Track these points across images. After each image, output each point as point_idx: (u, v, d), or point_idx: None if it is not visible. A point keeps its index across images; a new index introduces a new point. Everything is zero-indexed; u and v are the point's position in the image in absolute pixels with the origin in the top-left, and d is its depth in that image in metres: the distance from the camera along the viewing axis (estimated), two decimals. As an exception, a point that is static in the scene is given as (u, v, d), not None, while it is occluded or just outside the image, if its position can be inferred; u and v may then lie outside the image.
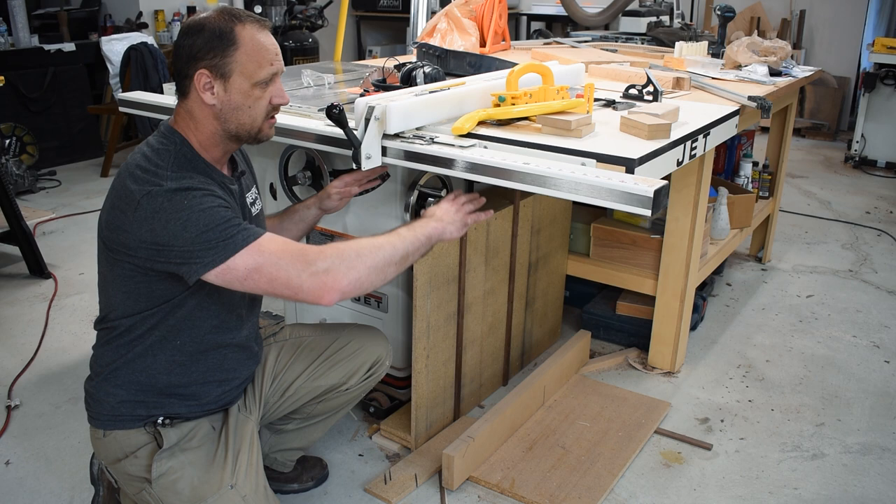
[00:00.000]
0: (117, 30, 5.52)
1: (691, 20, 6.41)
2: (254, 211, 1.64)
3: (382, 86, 2.12)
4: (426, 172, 2.04)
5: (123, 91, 4.70)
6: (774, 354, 2.78)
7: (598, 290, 2.94)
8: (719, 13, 3.35)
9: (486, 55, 2.70)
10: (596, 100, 2.09)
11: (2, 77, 3.31)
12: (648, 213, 1.41)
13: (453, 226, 1.61)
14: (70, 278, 3.36)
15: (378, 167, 1.89)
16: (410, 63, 2.16)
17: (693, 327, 2.91)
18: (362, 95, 2.01)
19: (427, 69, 2.09)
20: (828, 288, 3.37)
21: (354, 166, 1.72)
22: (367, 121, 1.68)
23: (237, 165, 1.60)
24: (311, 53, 5.66)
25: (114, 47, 5.07)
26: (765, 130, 4.26)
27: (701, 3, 6.71)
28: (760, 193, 3.44)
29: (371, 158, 1.71)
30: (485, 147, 1.71)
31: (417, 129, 1.80)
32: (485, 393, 2.43)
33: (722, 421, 2.36)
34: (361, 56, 7.56)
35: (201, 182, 1.39)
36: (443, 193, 2.18)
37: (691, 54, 3.04)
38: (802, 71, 3.09)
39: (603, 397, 2.42)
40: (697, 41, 3.35)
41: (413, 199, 2.07)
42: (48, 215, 4.12)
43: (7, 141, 4.73)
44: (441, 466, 2.01)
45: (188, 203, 1.33)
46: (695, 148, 1.91)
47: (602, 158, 1.59)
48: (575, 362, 2.57)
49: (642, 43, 3.90)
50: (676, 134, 1.82)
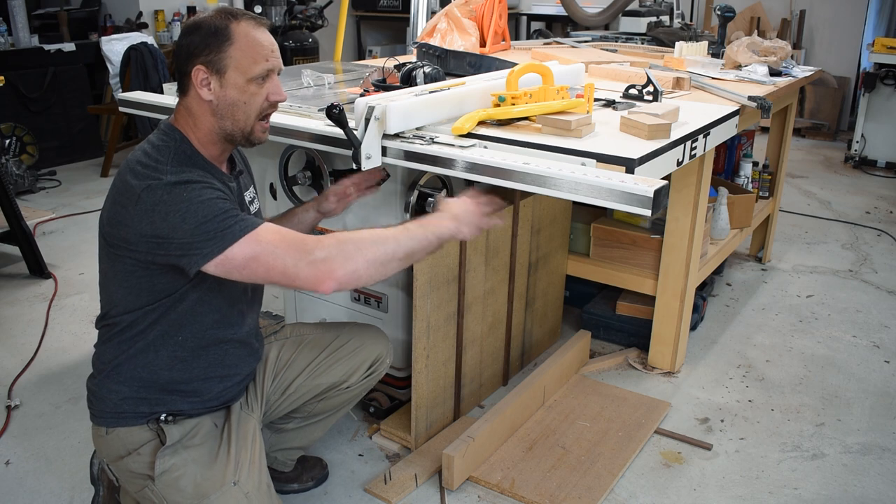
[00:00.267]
0: (117, 30, 5.51)
1: (691, 20, 6.41)
2: (251, 210, 1.65)
3: (382, 86, 2.12)
4: (426, 172, 2.04)
5: (123, 91, 4.70)
6: (774, 354, 2.78)
7: (598, 290, 2.94)
8: (719, 13, 3.35)
9: (486, 55, 2.70)
10: (596, 100, 2.09)
11: (2, 77, 3.31)
12: (648, 213, 1.41)
13: (468, 227, 1.54)
14: (70, 278, 3.36)
15: (376, 170, 1.89)
16: (410, 63, 2.16)
17: (693, 327, 2.91)
18: (362, 95, 2.01)
19: (427, 69, 2.09)
20: (828, 288, 3.37)
21: (354, 166, 1.73)
22: (367, 121, 1.68)
23: (235, 165, 1.62)
24: (311, 53, 5.66)
25: (114, 47, 5.07)
26: (765, 130, 4.26)
27: (701, 3, 6.71)
28: (760, 193, 3.44)
29: (371, 158, 1.71)
30: (485, 147, 1.71)
31: (417, 129, 1.80)
32: (485, 393, 2.43)
33: (722, 421, 2.36)
34: (361, 56, 7.56)
35: (200, 175, 1.41)
36: (443, 193, 2.18)
37: (691, 54, 3.04)
38: (802, 71, 3.09)
39: (603, 397, 2.42)
40: (697, 41, 3.35)
41: (413, 199, 2.08)
42: (48, 215, 4.12)
43: (7, 141, 4.73)
44: (441, 466, 2.01)
45: (187, 195, 1.35)
46: (695, 148, 1.92)
47: (602, 158, 1.59)
48: (575, 362, 2.57)
49: (642, 43, 3.90)
50: (676, 134, 1.82)
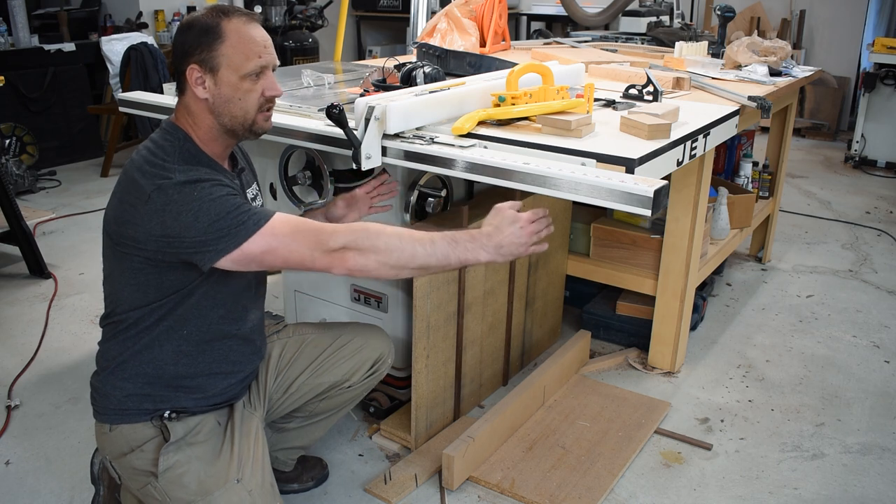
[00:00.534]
0: (117, 30, 5.51)
1: (691, 20, 6.41)
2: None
3: (382, 86, 2.12)
4: (426, 172, 2.04)
5: (123, 91, 4.70)
6: (774, 354, 2.78)
7: (598, 290, 2.94)
8: (719, 13, 3.35)
9: (486, 55, 2.71)
10: (596, 100, 2.09)
11: (2, 77, 3.31)
12: (648, 213, 1.41)
13: (505, 258, 1.46)
14: (70, 278, 3.36)
15: (389, 182, 1.94)
16: (410, 63, 2.16)
17: (693, 327, 2.91)
18: (362, 95, 2.01)
19: (427, 69, 2.09)
20: (828, 288, 3.37)
21: (354, 166, 1.73)
22: (367, 121, 1.68)
23: (237, 162, 1.63)
24: (311, 53, 5.66)
25: (114, 47, 5.07)
26: (765, 130, 4.25)
27: (701, 3, 6.71)
28: (760, 193, 3.44)
29: (371, 158, 1.71)
30: (485, 147, 1.71)
31: (417, 129, 1.80)
32: (485, 393, 2.43)
33: (722, 421, 2.36)
34: (361, 56, 7.56)
35: (208, 173, 1.41)
36: (443, 193, 2.18)
37: (691, 54, 3.04)
38: (802, 71, 3.09)
39: (603, 397, 2.42)
40: (697, 41, 3.35)
41: (413, 199, 2.08)
42: (48, 215, 4.12)
43: (7, 141, 4.73)
44: (441, 466, 2.01)
45: (198, 194, 1.35)
46: (695, 148, 1.92)
47: (602, 158, 1.59)
48: (575, 362, 2.57)
49: (642, 43, 3.90)
50: (676, 134, 1.82)
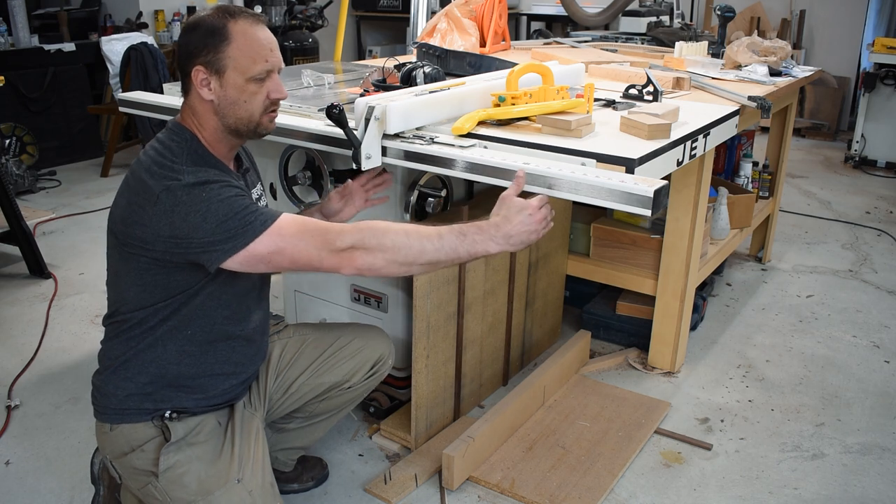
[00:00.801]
0: (117, 30, 5.52)
1: (691, 20, 6.41)
2: None
3: (382, 86, 2.12)
4: (426, 172, 2.04)
5: (123, 91, 4.70)
6: (774, 354, 2.78)
7: (598, 290, 2.94)
8: (719, 13, 3.35)
9: (486, 55, 2.71)
10: (596, 100, 2.09)
11: (2, 77, 3.31)
12: (648, 213, 1.41)
13: (515, 247, 1.45)
14: (70, 278, 3.36)
15: (383, 175, 1.91)
16: (410, 63, 2.16)
17: (693, 327, 2.91)
18: (362, 95, 2.01)
19: (427, 69, 2.09)
20: (828, 288, 3.37)
21: (354, 166, 1.73)
22: (367, 121, 1.68)
23: (242, 163, 1.63)
24: (311, 53, 5.66)
25: (114, 47, 5.07)
26: (765, 130, 4.25)
27: (701, 3, 6.70)
28: (760, 193, 3.44)
29: (371, 158, 1.71)
30: (485, 147, 1.71)
31: (417, 129, 1.80)
32: (485, 393, 2.43)
33: (722, 421, 2.36)
34: (361, 56, 7.56)
35: (217, 175, 1.41)
36: (443, 193, 2.18)
37: (691, 54, 3.04)
38: (802, 71, 3.09)
39: (603, 397, 2.42)
40: (697, 41, 3.35)
41: (413, 199, 2.08)
42: (48, 215, 4.12)
43: (7, 141, 4.73)
44: (441, 466, 2.01)
45: (206, 195, 1.36)
46: (695, 148, 1.91)
47: (602, 158, 1.59)
48: (575, 362, 2.57)
49: (642, 43, 3.90)
50: (676, 134, 1.82)
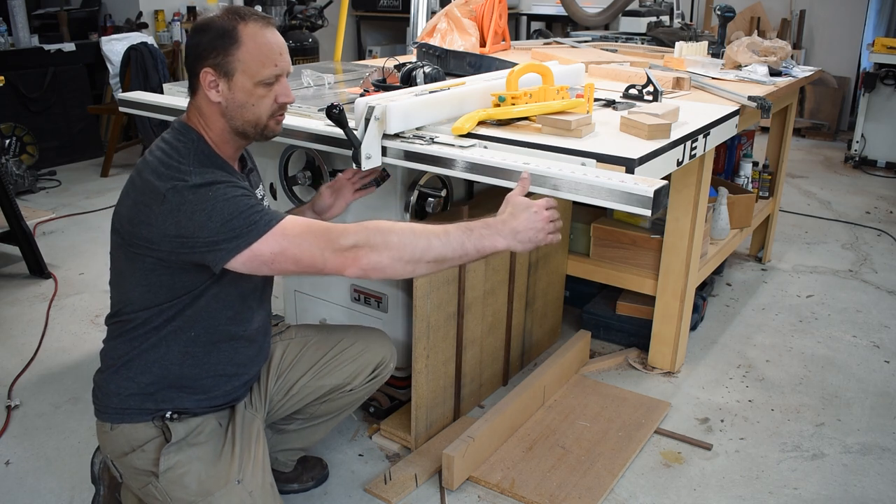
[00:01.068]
0: (117, 30, 5.52)
1: (691, 20, 6.41)
2: None
3: (382, 86, 2.12)
4: (426, 172, 2.04)
5: (123, 91, 4.71)
6: (774, 354, 2.78)
7: (598, 290, 2.94)
8: (719, 13, 3.35)
9: (486, 55, 2.71)
10: (596, 100, 2.09)
11: (2, 77, 3.31)
12: (648, 213, 1.41)
13: (524, 245, 1.43)
14: (70, 278, 3.36)
15: (373, 168, 1.89)
16: (410, 63, 2.16)
17: (693, 327, 2.91)
18: (362, 95, 2.01)
19: (427, 69, 2.09)
20: (828, 288, 3.37)
21: (354, 166, 1.73)
22: (367, 121, 1.68)
23: (246, 163, 1.63)
24: (311, 53, 5.66)
25: (114, 47, 5.07)
26: (765, 130, 4.26)
27: (701, 3, 6.70)
28: (760, 193, 3.44)
29: (371, 158, 1.71)
30: (485, 147, 1.71)
31: (417, 129, 1.80)
32: (485, 393, 2.43)
33: (722, 421, 2.36)
34: (361, 56, 7.56)
35: (223, 176, 1.41)
36: (443, 193, 2.18)
37: (691, 54, 3.04)
38: (802, 71, 3.09)
39: (603, 397, 2.42)
40: (697, 41, 3.34)
41: (413, 199, 2.08)
42: (48, 215, 4.12)
43: (7, 141, 4.73)
44: (441, 466, 2.01)
45: (212, 195, 1.36)
46: (695, 148, 1.91)
47: (602, 158, 1.59)
48: (575, 362, 2.57)
49: (642, 43, 3.90)
50: (676, 134, 1.82)
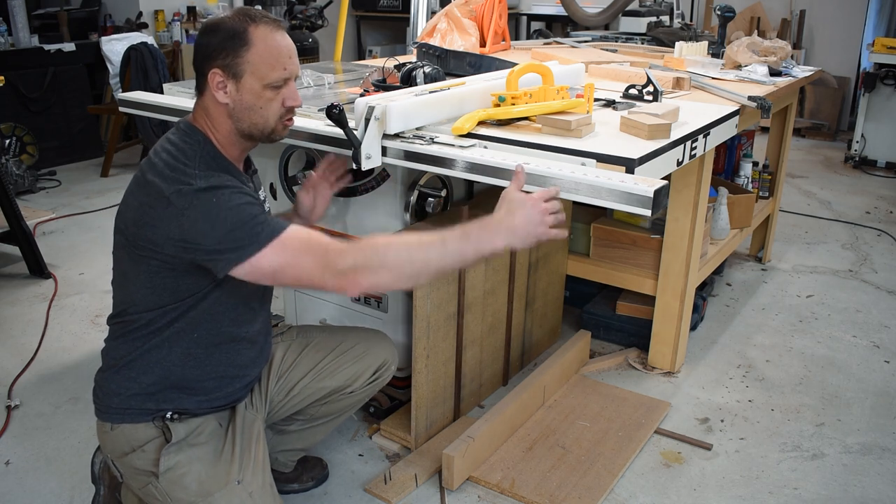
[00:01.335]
0: (117, 30, 5.52)
1: (691, 20, 6.41)
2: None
3: (382, 86, 2.12)
4: (426, 172, 2.04)
5: (123, 91, 4.71)
6: (774, 354, 2.78)
7: (598, 290, 2.94)
8: (719, 13, 3.35)
9: (486, 55, 2.70)
10: (596, 100, 2.09)
11: (2, 77, 3.31)
12: (648, 213, 1.41)
13: (523, 242, 1.41)
14: (70, 278, 3.36)
15: (339, 159, 1.88)
16: (410, 63, 2.16)
17: (693, 327, 2.91)
18: (362, 95, 2.01)
19: (427, 69, 2.09)
20: (828, 288, 3.37)
21: (354, 166, 1.73)
22: (367, 121, 1.68)
23: (251, 165, 1.63)
24: (311, 53, 5.66)
25: (114, 47, 5.07)
26: (765, 130, 4.26)
27: (701, 3, 6.71)
28: (760, 193, 3.44)
29: (371, 158, 1.71)
30: (485, 147, 1.71)
31: (417, 129, 1.80)
32: (485, 393, 2.43)
33: (722, 421, 2.36)
34: (361, 56, 7.56)
35: (229, 180, 1.41)
36: (443, 193, 2.18)
37: (691, 54, 3.04)
38: (802, 71, 3.09)
39: (603, 397, 2.42)
40: (697, 41, 3.34)
41: (413, 199, 2.08)
42: (48, 215, 4.12)
43: (7, 141, 4.73)
44: (441, 466, 2.01)
45: (217, 201, 1.35)
46: (695, 148, 1.92)
47: (602, 158, 1.59)
48: (575, 362, 2.57)
49: (642, 43, 3.90)
50: (676, 134, 1.82)
